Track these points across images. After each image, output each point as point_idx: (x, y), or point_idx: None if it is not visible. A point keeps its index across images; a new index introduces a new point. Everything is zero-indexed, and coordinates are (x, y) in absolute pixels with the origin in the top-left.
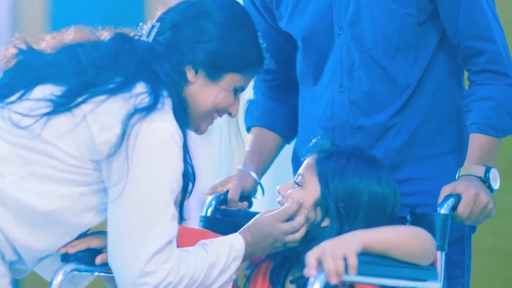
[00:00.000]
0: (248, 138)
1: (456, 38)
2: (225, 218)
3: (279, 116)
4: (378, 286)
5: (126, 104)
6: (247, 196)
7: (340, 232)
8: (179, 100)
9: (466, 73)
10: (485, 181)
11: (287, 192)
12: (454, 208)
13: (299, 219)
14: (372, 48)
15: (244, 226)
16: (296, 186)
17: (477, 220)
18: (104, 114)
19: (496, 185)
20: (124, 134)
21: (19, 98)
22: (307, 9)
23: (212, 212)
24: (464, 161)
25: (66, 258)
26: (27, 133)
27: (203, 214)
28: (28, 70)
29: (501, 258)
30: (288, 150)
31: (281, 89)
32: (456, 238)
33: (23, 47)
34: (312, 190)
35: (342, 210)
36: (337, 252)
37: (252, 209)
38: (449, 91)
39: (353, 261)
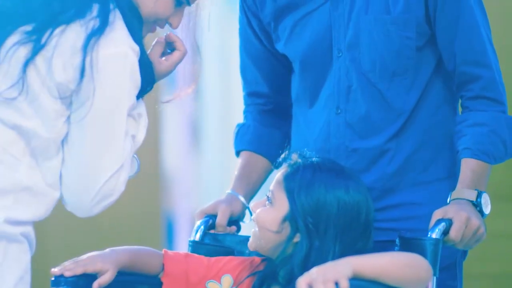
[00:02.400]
0: (237, 162)
1: (451, 64)
2: (213, 243)
3: (269, 141)
4: None
5: (80, 32)
6: (235, 221)
7: (310, 247)
8: (128, 5)
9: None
10: (477, 205)
11: (257, 211)
12: (445, 232)
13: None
14: (370, 71)
15: None
16: (267, 202)
17: (468, 244)
18: (63, 50)
19: (487, 210)
20: (83, 65)
21: None
22: (305, 31)
23: (201, 236)
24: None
25: (56, 283)
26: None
27: (192, 238)
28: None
29: (491, 283)
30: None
31: (273, 114)
32: (449, 264)
33: None
34: (281, 207)
35: (310, 225)
36: (328, 276)
37: (241, 233)
38: (444, 118)
39: (344, 285)
